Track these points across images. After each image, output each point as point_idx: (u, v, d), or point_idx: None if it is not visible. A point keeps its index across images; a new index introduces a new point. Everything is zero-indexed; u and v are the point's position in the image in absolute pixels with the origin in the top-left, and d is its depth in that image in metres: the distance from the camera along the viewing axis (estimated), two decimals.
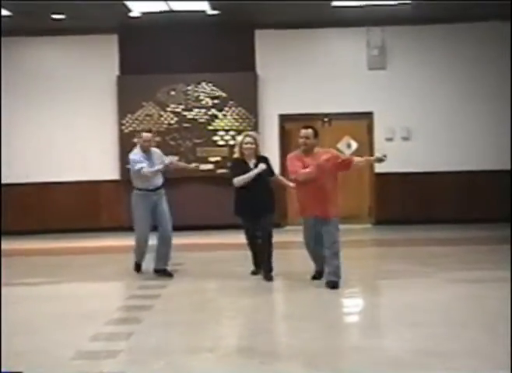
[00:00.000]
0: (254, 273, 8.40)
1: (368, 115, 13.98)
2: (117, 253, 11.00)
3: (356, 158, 7.92)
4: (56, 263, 10.41)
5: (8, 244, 12.12)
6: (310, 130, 7.73)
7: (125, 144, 13.79)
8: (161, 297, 7.50)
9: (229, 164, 8.81)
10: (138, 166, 8.43)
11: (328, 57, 14.06)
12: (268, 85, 14.00)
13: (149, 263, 8.81)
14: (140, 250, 8.73)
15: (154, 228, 8.69)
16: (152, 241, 8.71)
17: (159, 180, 8.67)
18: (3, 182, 13.87)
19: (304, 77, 13.98)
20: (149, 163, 8.54)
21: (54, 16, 12.86)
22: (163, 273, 8.55)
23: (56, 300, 7.47)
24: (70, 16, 12.83)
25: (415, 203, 13.88)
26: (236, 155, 8.35)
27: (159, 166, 8.52)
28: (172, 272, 8.63)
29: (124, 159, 13.78)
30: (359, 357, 5.12)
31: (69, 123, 14.08)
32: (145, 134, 8.70)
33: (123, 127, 13.94)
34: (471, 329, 5.77)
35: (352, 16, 13.31)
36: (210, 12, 12.87)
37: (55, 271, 9.50)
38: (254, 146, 8.25)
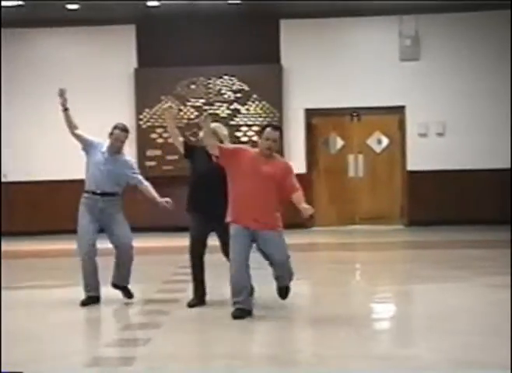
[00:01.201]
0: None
1: (400, 109, 13.90)
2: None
3: (298, 196, 6.53)
4: (68, 265, 10.45)
5: (17, 245, 12.21)
6: (278, 133, 6.84)
7: (143, 140, 13.86)
8: (180, 301, 7.51)
9: None
10: None
11: (357, 47, 14.01)
12: (294, 77, 13.98)
13: (167, 266, 8.80)
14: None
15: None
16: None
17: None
18: (12, 180, 13.95)
19: (332, 69, 13.94)
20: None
21: (69, 6, 12.95)
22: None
23: (69, 304, 7.49)
24: (85, 6, 12.92)
25: (451, 203, 13.78)
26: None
27: None
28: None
29: (142, 156, 13.85)
30: (390, 365, 5.09)
31: (84, 118, 14.01)
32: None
33: (140, 122, 14.00)
34: (509, 338, 5.70)
35: (382, 4, 13.25)
36: (232, 0, 12.88)
37: (67, 274, 9.53)
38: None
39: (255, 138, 13.93)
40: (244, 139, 13.98)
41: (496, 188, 13.68)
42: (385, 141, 14.11)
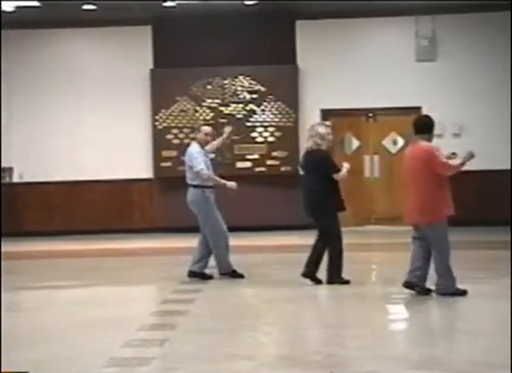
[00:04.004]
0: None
1: (416, 110, 13.79)
2: (149, 256, 11.04)
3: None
4: (86, 265, 10.48)
5: (33, 245, 12.24)
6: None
7: (159, 140, 13.86)
8: (196, 301, 7.49)
9: (323, 156, 8.00)
10: (199, 167, 8.43)
11: (374, 48, 13.95)
12: (310, 78, 13.93)
13: (183, 266, 8.79)
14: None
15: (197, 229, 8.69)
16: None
17: None
18: (28, 180, 13.99)
19: (348, 70, 13.89)
20: (206, 160, 8.56)
21: (85, 7, 12.96)
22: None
23: (85, 304, 7.50)
24: (101, 7, 12.93)
25: (469, 204, 13.65)
26: (323, 147, 8.02)
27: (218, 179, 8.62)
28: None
29: (157, 157, 13.85)
30: (409, 367, 5.03)
31: (100, 119, 14.19)
32: (204, 128, 8.73)
33: (156, 123, 13.99)
34: None
35: (399, 4, 13.19)
36: (248, 1, 12.85)
37: (84, 274, 9.56)
38: None
39: (271, 139, 13.91)
40: (260, 139, 13.94)
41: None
42: (401, 141, 14.03)
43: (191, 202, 8.54)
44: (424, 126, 7.41)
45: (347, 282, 7.95)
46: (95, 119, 14.20)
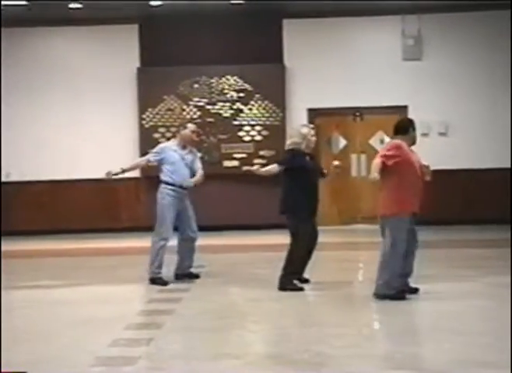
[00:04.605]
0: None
1: (402, 109, 13.85)
2: (136, 255, 11.00)
3: None
4: (72, 264, 10.45)
5: (20, 245, 12.19)
6: None
7: (146, 139, 13.83)
8: (183, 301, 7.49)
9: (290, 155, 7.93)
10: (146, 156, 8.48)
11: (360, 47, 13.98)
12: (297, 77, 13.95)
13: (169, 266, 8.78)
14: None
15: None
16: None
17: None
18: (13, 180, 13.93)
19: (335, 69, 13.91)
20: (177, 158, 8.43)
21: (71, 5, 12.92)
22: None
23: (72, 304, 7.48)
24: (88, 5, 12.89)
25: (455, 203, 13.74)
26: (301, 147, 7.91)
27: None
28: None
29: (144, 155, 13.79)
30: (394, 365, 5.05)
31: (86, 118, 14.14)
32: (190, 125, 8.69)
33: (143, 122, 13.97)
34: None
35: (385, 4, 13.22)
36: (235, 0, 12.85)
37: (70, 274, 9.53)
38: None
39: (258, 138, 13.92)
40: (247, 138, 13.94)
41: (499, 188, 13.63)
42: (388, 140, 14.03)
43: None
44: (399, 127, 7.52)
45: (301, 289, 7.73)
46: (81, 117, 14.15)
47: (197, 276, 8.61)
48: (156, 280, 8.28)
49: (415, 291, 7.33)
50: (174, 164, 8.41)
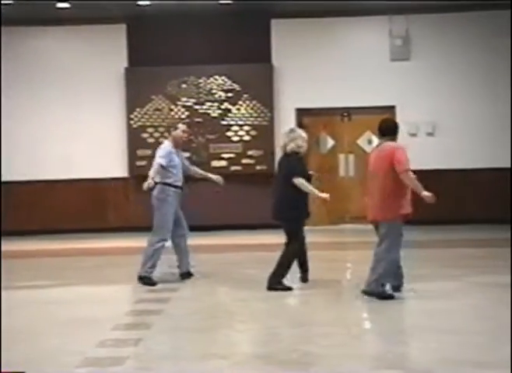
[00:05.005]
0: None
1: (390, 109, 13.87)
2: (124, 255, 10.99)
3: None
4: (60, 265, 10.41)
5: (10, 245, 12.13)
6: None
7: (134, 139, 13.81)
8: (171, 301, 7.48)
9: (291, 159, 7.88)
10: (158, 160, 8.41)
11: (348, 47, 14.00)
12: (285, 77, 13.95)
13: (158, 266, 8.76)
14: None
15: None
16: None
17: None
18: (3, 179, 13.86)
19: (323, 69, 13.91)
20: (177, 159, 8.52)
21: (59, 5, 12.86)
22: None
23: (60, 304, 7.46)
24: (75, 5, 12.83)
25: (443, 203, 13.68)
26: (302, 150, 7.93)
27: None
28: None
29: (132, 156, 13.78)
30: (383, 365, 5.06)
31: (74, 118, 14.09)
32: (181, 125, 8.77)
33: (131, 122, 13.93)
34: (503, 336, 5.68)
35: (373, 4, 13.24)
36: (223, 0, 12.84)
37: (59, 274, 9.50)
38: None
39: (246, 138, 13.91)
40: (235, 138, 13.93)
41: (486, 187, 13.68)
42: (376, 140, 14.05)
43: (153, 197, 8.50)
44: (387, 128, 7.51)
45: (289, 289, 7.75)
46: (69, 117, 14.09)
47: (192, 274, 8.65)
48: (145, 280, 8.26)
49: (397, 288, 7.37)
50: (176, 166, 8.51)
